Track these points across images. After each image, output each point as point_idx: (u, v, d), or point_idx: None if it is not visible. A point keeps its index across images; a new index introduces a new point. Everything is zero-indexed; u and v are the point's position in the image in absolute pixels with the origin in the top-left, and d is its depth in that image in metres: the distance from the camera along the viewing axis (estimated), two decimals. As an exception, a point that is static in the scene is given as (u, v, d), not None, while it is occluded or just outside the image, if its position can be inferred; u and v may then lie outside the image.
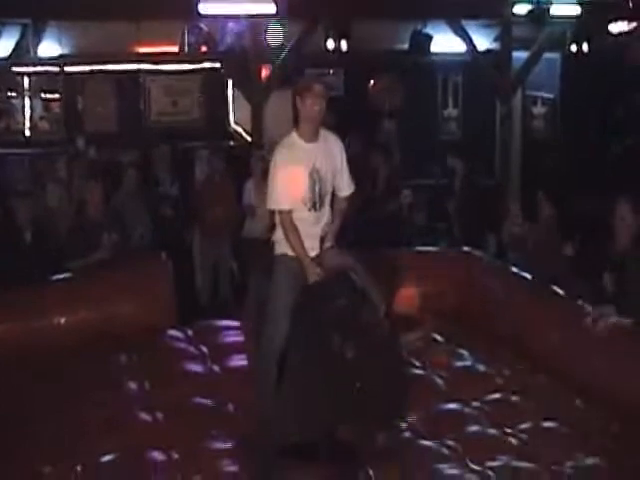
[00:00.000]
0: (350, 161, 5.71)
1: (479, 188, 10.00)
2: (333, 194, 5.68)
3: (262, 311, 5.65)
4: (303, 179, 5.41)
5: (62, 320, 6.87)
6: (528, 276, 7.17)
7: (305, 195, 5.45)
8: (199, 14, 10.46)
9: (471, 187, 9.63)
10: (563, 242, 7.37)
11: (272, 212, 5.68)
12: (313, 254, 5.57)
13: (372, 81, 13.32)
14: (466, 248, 8.15)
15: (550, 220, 7.62)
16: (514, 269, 7.43)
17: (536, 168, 12.30)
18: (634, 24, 11.38)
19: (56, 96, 12.44)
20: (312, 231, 5.56)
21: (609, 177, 10.59)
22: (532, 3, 10.64)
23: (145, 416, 5.57)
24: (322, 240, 5.64)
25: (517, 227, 8.07)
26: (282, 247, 5.61)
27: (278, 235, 5.60)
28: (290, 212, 5.44)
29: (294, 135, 5.46)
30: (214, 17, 10.83)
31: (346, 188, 5.72)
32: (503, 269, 7.59)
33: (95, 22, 11.26)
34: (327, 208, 5.64)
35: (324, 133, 5.50)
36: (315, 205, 5.52)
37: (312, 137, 5.40)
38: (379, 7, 10.68)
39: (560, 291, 6.66)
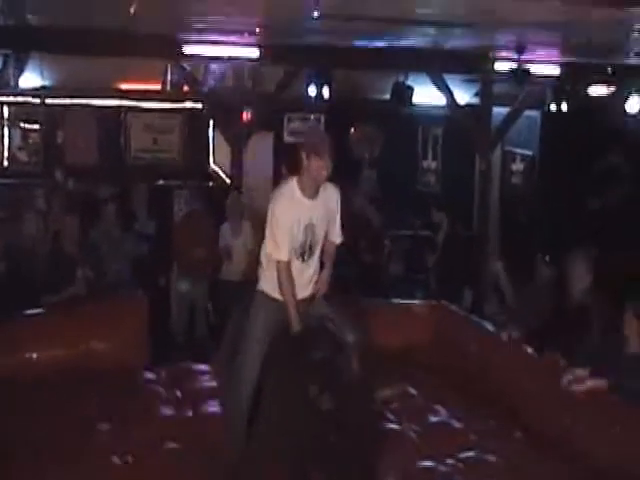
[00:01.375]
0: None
1: (462, 243, 10.10)
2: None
3: (236, 356, 5.68)
4: (297, 233, 5.51)
5: (34, 355, 6.80)
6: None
7: (296, 247, 5.55)
8: (183, 54, 10.49)
9: (454, 242, 9.74)
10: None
11: (258, 253, 5.79)
12: (297, 298, 5.65)
13: (353, 129, 13.45)
14: (442, 301, 8.20)
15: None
16: (488, 325, 7.49)
17: (514, 223, 12.43)
18: (612, 88, 11.58)
19: (35, 127, 12.43)
20: (300, 278, 5.64)
21: (584, 233, 10.71)
22: (514, 61, 10.77)
23: (114, 459, 5.48)
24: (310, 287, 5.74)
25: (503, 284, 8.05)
26: (265, 285, 5.69)
27: (267, 273, 5.66)
28: (289, 262, 5.51)
29: (295, 188, 5.49)
30: (198, 58, 10.86)
31: (336, 237, 5.82)
32: (478, 324, 7.63)
33: (78, 56, 11.23)
34: (316, 258, 5.72)
35: (325, 187, 5.58)
36: (304, 255, 5.61)
37: (313, 194, 5.48)
38: (362, 58, 10.79)
39: (531, 349, 6.70)
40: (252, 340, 5.61)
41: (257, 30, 9.29)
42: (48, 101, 12.24)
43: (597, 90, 11.53)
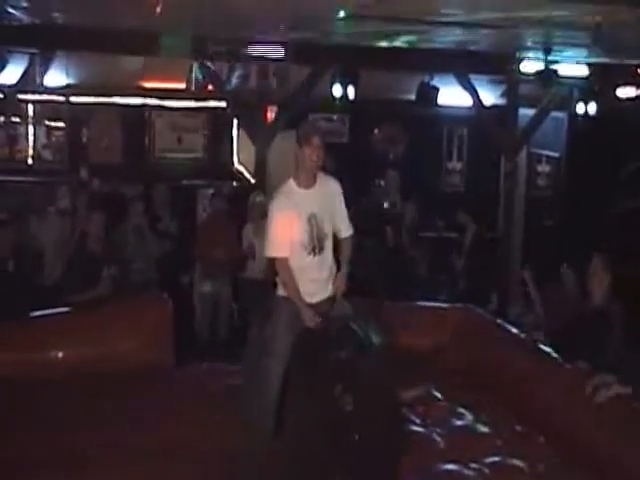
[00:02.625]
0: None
1: (488, 246, 10.10)
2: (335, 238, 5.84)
3: (261, 361, 5.73)
4: (300, 225, 5.58)
5: (59, 354, 6.86)
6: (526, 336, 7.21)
7: (304, 240, 5.61)
8: (207, 53, 10.53)
9: (481, 244, 9.75)
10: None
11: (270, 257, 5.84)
12: (317, 299, 5.70)
13: (377, 130, 13.44)
14: (469, 305, 8.20)
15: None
16: (514, 329, 7.47)
17: (539, 227, 12.39)
18: (642, 91, 11.49)
19: (60, 125, 12.51)
20: (316, 276, 5.71)
21: (610, 237, 10.67)
22: (541, 62, 10.72)
23: (140, 461, 5.50)
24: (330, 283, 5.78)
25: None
26: (283, 290, 5.75)
27: (279, 278, 5.74)
28: (286, 259, 5.56)
29: (291, 182, 5.67)
30: (222, 57, 10.89)
31: (345, 230, 5.89)
32: (504, 328, 7.61)
33: (103, 55, 11.30)
34: (329, 251, 5.79)
35: (322, 177, 5.71)
36: (315, 249, 5.67)
37: (309, 183, 5.59)
38: (388, 58, 10.77)
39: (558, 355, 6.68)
40: (276, 344, 5.67)
41: (282, 28, 9.30)
42: (73, 99, 12.31)
43: (626, 92, 11.44)
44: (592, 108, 11.42)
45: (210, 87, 12.25)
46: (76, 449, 5.56)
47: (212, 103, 12.61)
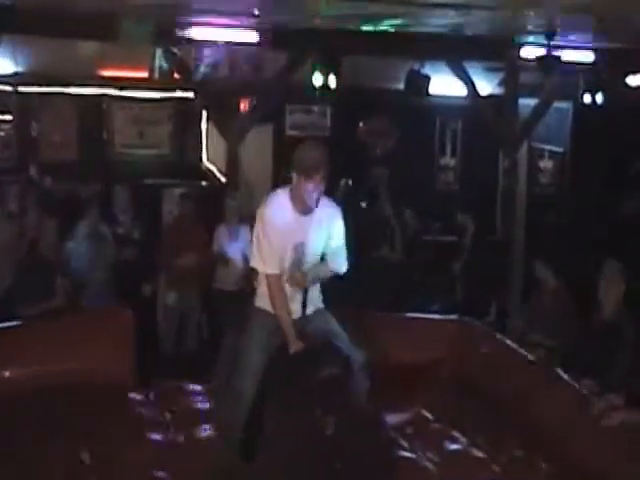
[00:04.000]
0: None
1: (487, 248, 10.17)
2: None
3: (232, 379, 5.80)
4: (287, 249, 5.63)
5: (7, 373, 6.89)
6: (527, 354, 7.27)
7: (284, 267, 5.68)
8: (173, 38, 10.54)
9: (480, 247, 9.83)
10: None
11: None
12: (296, 316, 5.74)
13: (362, 123, 13.52)
14: (465, 317, 8.27)
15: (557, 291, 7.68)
16: (513, 344, 7.52)
17: (542, 228, 12.46)
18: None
19: (7, 118, 12.46)
20: (291, 296, 5.76)
21: (617, 238, 10.76)
22: (543, 47, 10.76)
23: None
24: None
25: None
26: (262, 301, 5.83)
27: (261, 289, 5.77)
28: (279, 276, 5.62)
29: (287, 199, 5.62)
30: (190, 42, 10.90)
31: (339, 266, 5.90)
32: (503, 342, 7.65)
33: (56, 40, 11.27)
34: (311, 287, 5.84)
35: (322, 203, 5.66)
36: (294, 279, 5.74)
37: (306, 210, 5.59)
38: (373, 43, 10.81)
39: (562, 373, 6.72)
40: (249, 360, 5.75)
41: (256, 11, 9.33)
42: (22, 89, 12.30)
43: (637, 80, 11.47)
44: (599, 98, 11.45)
45: (176, 76, 12.22)
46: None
47: (178, 93, 12.63)
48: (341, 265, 5.90)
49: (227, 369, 6.05)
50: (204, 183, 12.41)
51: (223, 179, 11.88)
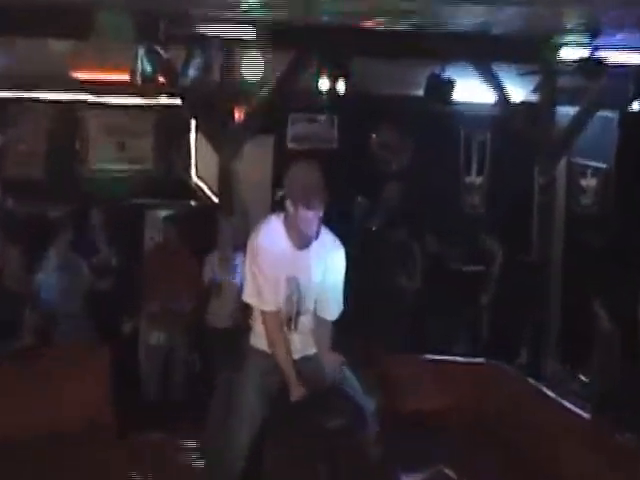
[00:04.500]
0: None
1: (519, 279, 10.20)
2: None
3: (225, 429, 5.86)
4: (283, 284, 5.66)
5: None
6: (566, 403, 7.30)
7: (281, 306, 5.70)
8: (158, 35, 10.61)
9: (511, 277, 9.87)
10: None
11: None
12: (298, 355, 5.79)
13: (374, 134, 13.65)
14: (493, 361, 8.29)
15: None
16: (548, 392, 7.54)
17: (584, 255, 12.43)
18: None
19: (-35, 129, 12.49)
20: (292, 335, 5.85)
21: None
22: (585, 48, 10.80)
23: None
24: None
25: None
26: (259, 340, 5.87)
27: (257, 326, 5.84)
28: (277, 313, 5.66)
29: (281, 228, 5.64)
30: (177, 41, 10.97)
31: (331, 312, 5.85)
32: (537, 390, 7.68)
33: (25, 38, 11.33)
34: (306, 331, 5.82)
35: (323, 236, 5.69)
36: (290, 323, 5.78)
37: (303, 244, 5.64)
38: (389, 42, 10.86)
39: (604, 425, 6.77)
40: (243, 402, 5.80)
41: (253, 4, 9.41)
42: (-20, 94, 12.35)
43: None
44: (651, 106, 11.50)
45: (161, 79, 12.31)
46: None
47: (163, 100, 12.67)
48: (333, 310, 5.84)
49: (221, 416, 6.08)
50: (193, 203, 12.53)
51: (215, 199, 11.98)
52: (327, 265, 5.73)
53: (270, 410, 5.72)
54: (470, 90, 12.31)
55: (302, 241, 5.63)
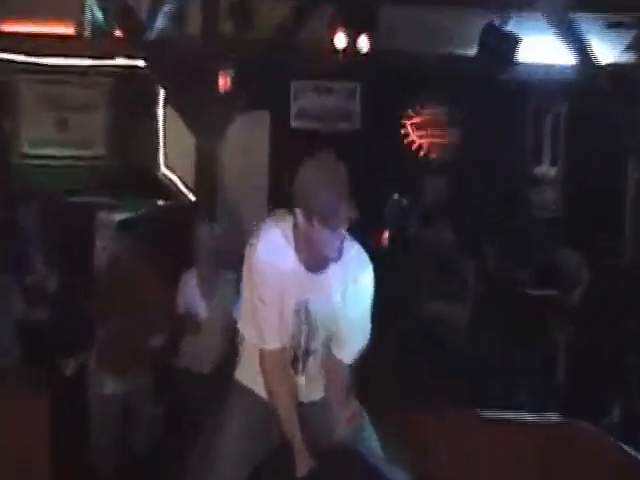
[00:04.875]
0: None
1: (611, 306, 10.17)
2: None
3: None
4: (286, 315, 5.59)
5: None
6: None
7: (285, 343, 5.65)
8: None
9: (599, 305, 9.84)
10: None
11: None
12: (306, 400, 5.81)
13: (410, 109, 13.71)
14: (571, 418, 8.27)
15: None
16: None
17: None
18: None
19: None
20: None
21: None
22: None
23: None
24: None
25: None
26: (249, 376, 5.85)
27: (247, 357, 5.83)
28: (279, 352, 5.58)
29: (288, 242, 5.52)
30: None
31: (353, 350, 5.77)
32: (632, 461, 7.64)
33: None
34: (316, 374, 5.80)
35: (346, 250, 5.51)
36: (296, 363, 5.75)
37: (318, 267, 5.52)
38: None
39: None
40: (224, 449, 5.81)
41: None
42: None
43: None
44: None
45: (117, 33, 12.34)
46: None
47: (121, 61, 12.74)
48: (353, 350, 5.76)
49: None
50: (161, 203, 12.55)
51: (191, 196, 12.05)
52: (349, 290, 5.60)
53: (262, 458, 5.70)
54: (540, 48, 12.35)
55: (317, 262, 5.51)
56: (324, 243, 5.35)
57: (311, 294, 5.55)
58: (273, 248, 5.49)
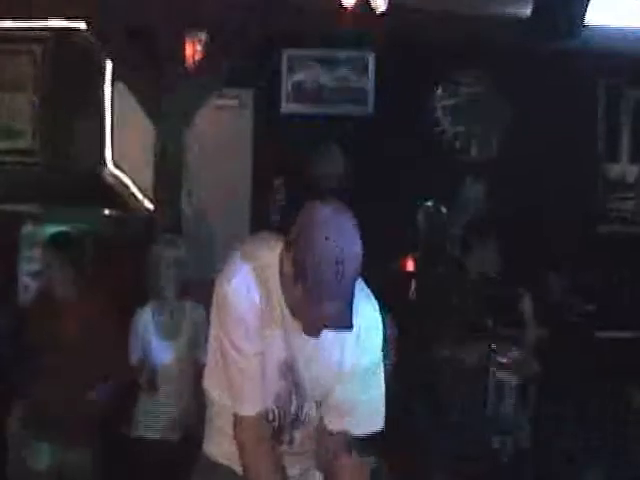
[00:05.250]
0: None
1: None
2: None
3: None
4: (269, 372, 5.59)
5: None
6: None
7: (268, 407, 5.68)
8: None
9: None
10: None
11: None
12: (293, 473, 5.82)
13: (438, 87, 13.85)
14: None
15: None
16: None
17: None
18: None
19: None
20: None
21: None
22: None
23: None
24: None
25: None
26: (211, 444, 5.94)
27: (216, 423, 5.87)
28: (257, 419, 5.61)
29: (274, 280, 5.49)
30: None
31: (359, 423, 5.71)
32: None
33: None
34: (307, 456, 5.88)
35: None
36: (280, 436, 5.77)
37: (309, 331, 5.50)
38: None
39: None
40: None
41: None
42: None
43: None
44: None
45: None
46: None
47: (55, 22, 12.81)
48: (358, 422, 5.70)
49: None
50: (107, 212, 12.56)
51: (148, 204, 12.12)
52: (351, 344, 5.63)
53: None
54: (617, 7, 12.41)
55: (308, 330, 5.46)
56: (319, 320, 5.32)
57: (301, 349, 5.58)
58: (249, 289, 5.49)
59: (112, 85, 12.97)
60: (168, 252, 9.64)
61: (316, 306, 5.18)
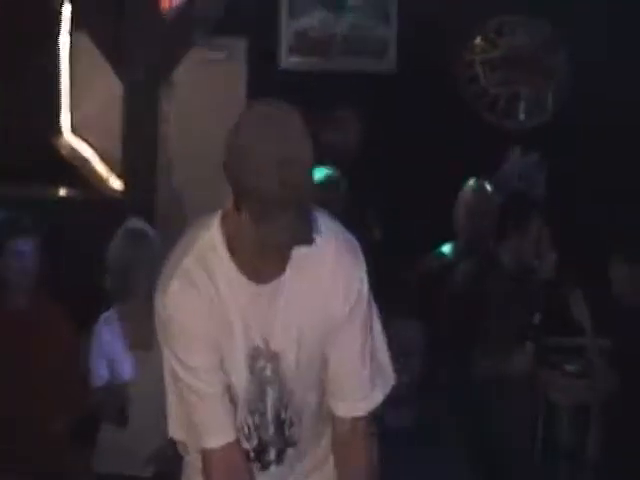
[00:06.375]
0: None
1: None
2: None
3: None
4: (234, 374, 5.67)
5: None
6: None
7: (237, 419, 5.78)
8: None
9: None
10: None
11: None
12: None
13: (478, 38, 13.73)
14: None
15: None
16: None
17: None
18: None
19: None
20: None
21: None
22: None
23: None
24: None
25: None
26: None
27: (194, 464, 5.91)
28: (232, 446, 5.68)
29: (223, 253, 5.59)
30: None
31: (359, 399, 5.84)
32: None
33: None
34: (306, 462, 5.96)
35: (306, 254, 5.49)
36: (265, 456, 5.87)
37: (267, 273, 5.60)
38: None
39: None
40: None
41: None
42: None
43: None
44: None
45: None
46: None
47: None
48: (362, 399, 5.80)
49: None
50: (64, 192, 12.62)
51: (115, 181, 12.16)
52: (324, 307, 5.65)
53: None
54: None
55: (264, 268, 5.57)
56: (270, 242, 5.37)
57: (265, 323, 5.64)
58: (207, 269, 5.60)
59: (70, 34, 12.85)
60: (138, 244, 9.55)
61: (266, 225, 5.19)
